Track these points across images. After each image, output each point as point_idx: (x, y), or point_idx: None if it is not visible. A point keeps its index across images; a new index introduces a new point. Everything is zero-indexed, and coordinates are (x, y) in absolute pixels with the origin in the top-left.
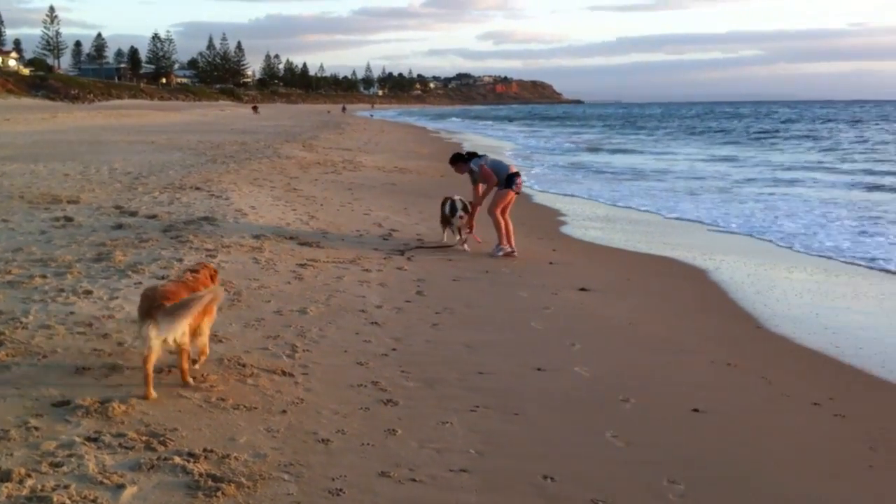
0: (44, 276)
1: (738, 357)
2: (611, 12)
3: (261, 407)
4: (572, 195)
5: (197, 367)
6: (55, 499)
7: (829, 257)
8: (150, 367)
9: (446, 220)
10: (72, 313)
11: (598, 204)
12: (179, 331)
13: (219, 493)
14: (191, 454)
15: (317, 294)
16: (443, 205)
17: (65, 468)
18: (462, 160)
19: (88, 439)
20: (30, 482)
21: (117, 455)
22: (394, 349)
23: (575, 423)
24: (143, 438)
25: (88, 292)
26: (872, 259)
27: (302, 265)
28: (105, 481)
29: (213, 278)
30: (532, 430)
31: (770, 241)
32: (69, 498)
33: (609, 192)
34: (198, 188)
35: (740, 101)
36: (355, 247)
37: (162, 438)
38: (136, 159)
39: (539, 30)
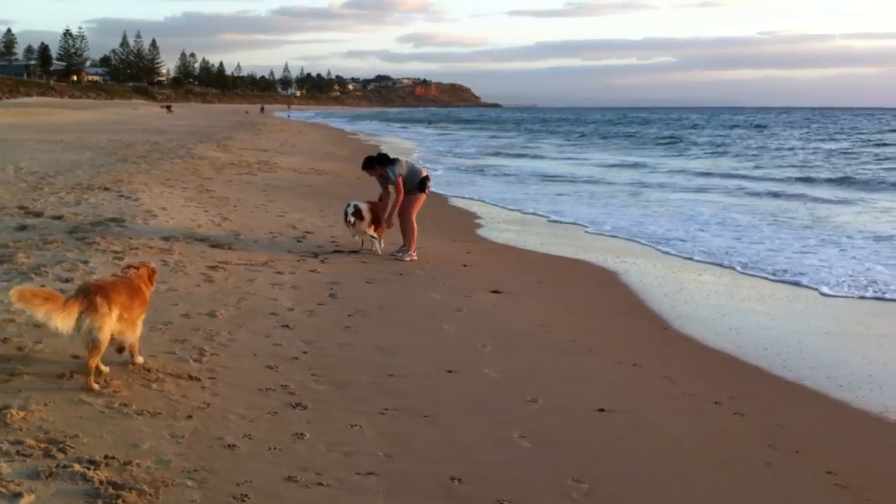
0: None
1: (643, 357)
2: (530, 17)
3: (165, 412)
4: (468, 197)
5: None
6: None
7: (723, 265)
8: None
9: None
10: None
11: (501, 208)
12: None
13: (119, 501)
14: (91, 461)
15: (227, 297)
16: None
17: None
18: (375, 163)
19: None
20: None
21: (14, 463)
22: (305, 352)
23: (484, 423)
24: (42, 445)
25: None
26: (782, 270)
27: (213, 267)
28: (2, 490)
29: (151, 278)
30: (441, 431)
31: (678, 242)
32: None
33: (505, 195)
34: (107, 188)
35: (655, 106)
36: (268, 249)
37: (62, 445)
38: (43, 158)
39: (460, 33)
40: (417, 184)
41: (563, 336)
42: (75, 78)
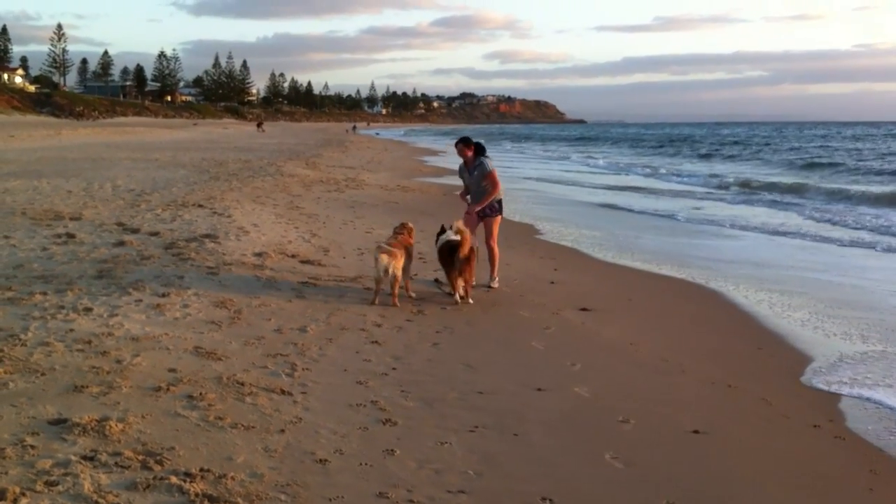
0: (44, 293)
1: (738, 378)
2: (617, 32)
3: (259, 426)
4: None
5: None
6: None
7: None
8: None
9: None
10: (71, 330)
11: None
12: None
13: None
14: (187, 474)
15: (317, 312)
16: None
17: (60, 487)
18: (473, 144)
19: (84, 458)
20: (24, 501)
21: (113, 474)
22: (394, 368)
23: (574, 443)
24: (140, 457)
25: (88, 309)
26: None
27: (303, 283)
28: (100, 501)
29: (411, 234)
30: (531, 450)
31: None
32: None
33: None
34: (200, 205)
35: (745, 121)
36: (356, 265)
37: (158, 457)
38: (139, 176)
39: (545, 49)
40: (498, 202)
41: (654, 355)
42: (169, 98)
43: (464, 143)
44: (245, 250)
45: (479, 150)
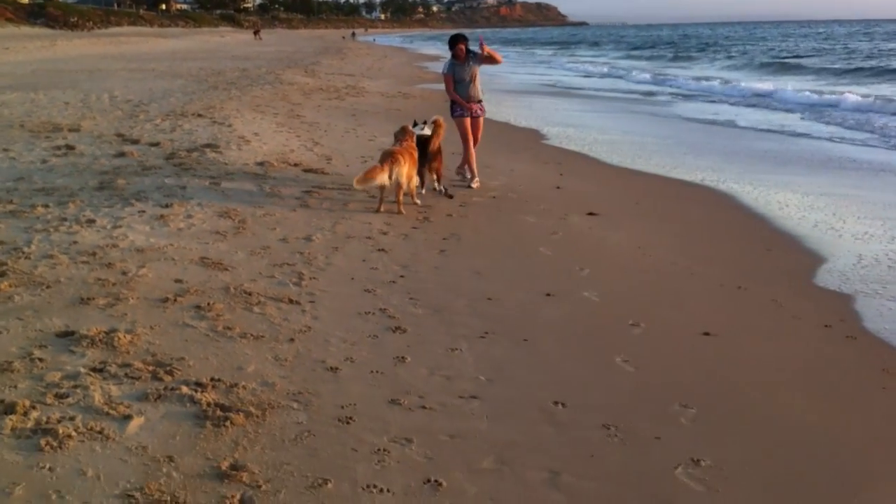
0: (46, 206)
1: (748, 280)
2: None
3: (268, 335)
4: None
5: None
6: (60, 431)
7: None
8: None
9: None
10: (75, 242)
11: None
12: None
13: (227, 423)
14: (198, 384)
15: (322, 221)
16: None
17: (70, 399)
18: (464, 41)
19: (94, 370)
20: (34, 414)
21: (123, 385)
22: (401, 276)
23: (584, 348)
24: (150, 368)
25: (91, 221)
26: None
27: (307, 192)
28: (111, 412)
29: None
30: (542, 356)
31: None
32: (75, 430)
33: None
34: (200, 115)
35: (760, 20)
36: (360, 173)
37: (168, 368)
38: (136, 87)
39: None
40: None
41: (662, 258)
42: (164, 7)
43: (460, 39)
44: (247, 160)
45: (469, 51)
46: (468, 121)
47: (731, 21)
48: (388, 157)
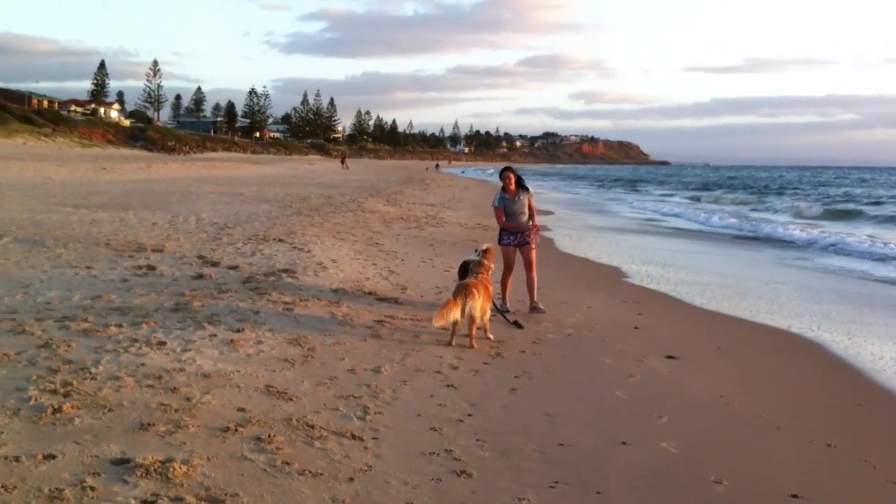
0: (119, 325)
1: (838, 437)
2: (705, 73)
3: (327, 473)
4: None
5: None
6: None
7: None
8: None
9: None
10: (143, 364)
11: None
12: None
13: None
14: None
15: (392, 353)
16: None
17: None
18: (514, 173)
19: (144, 502)
20: None
21: None
22: (469, 414)
23: None
24: None
25: (162, 343)
26: None
27: (379, 321)
28: None
29: (490, 258)
30: None
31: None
32: None
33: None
34: (281, 240)
35: (837, 165)
36: (434, 304)
37: None
38: (223, 210)
39: (631, 90)
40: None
41: (746, 408)
42: (258, 134)
43: (510, 170)
44: (322, 286)
45: (520, 183)
46: (513, 250)
47: (824, 165)
48: (462, 291)
